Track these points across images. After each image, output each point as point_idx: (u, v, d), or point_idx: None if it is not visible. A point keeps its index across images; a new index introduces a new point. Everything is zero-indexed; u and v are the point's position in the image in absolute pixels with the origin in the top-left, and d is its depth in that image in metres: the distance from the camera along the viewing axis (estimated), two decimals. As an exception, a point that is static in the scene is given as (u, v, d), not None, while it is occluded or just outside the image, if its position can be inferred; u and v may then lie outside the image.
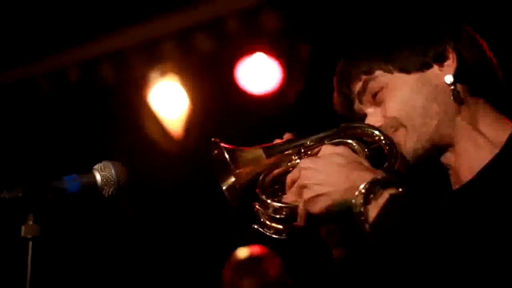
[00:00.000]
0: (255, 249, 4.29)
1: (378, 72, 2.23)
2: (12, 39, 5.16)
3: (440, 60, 2.21)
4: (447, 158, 2.22)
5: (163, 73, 5.50)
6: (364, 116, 2.28)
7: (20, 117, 5.67)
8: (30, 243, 2.03)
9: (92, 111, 5.58)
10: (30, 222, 2.05)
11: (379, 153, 2.17)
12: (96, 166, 2.17)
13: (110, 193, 2.16)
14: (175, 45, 5.35)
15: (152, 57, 5.41)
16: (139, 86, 5.53)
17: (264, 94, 5.44)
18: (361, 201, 1.94)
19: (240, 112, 5.36)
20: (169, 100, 5.57)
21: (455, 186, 2.21)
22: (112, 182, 2.15)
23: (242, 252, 4.30)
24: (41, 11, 4.99)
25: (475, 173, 2.12)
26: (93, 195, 2.16)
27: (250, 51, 5.37)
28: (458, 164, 2.20)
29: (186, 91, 5.54)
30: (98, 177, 2.14)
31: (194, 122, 5.54)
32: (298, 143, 2.19)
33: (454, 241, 1.81)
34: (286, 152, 2.18)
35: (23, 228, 2.04)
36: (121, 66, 5.45)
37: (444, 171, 2.25)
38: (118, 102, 5.52)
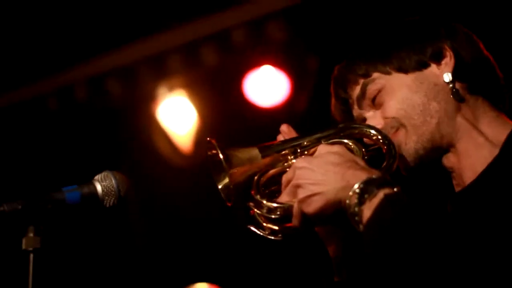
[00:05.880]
0: None
1: (375, 75, 2.21)
2: (18, 58, 5.16)
3: (438, 58, 2.19)
4: (450, 160, 2.19)
5: (170, 88, 5.48)
6: (363, 121, 2.25)
7: (30, 136, 5.66)
8: (31, 255, 2.01)
9: (100, 128, 5.56)
10: (31, 234, 2.03)
11: (379, 154, 2.14)
12: (96, 177, 2.14)
13: (111, 203, 2.13)
14: (182, 59, 5.33)
15: (159, 72, 5.39)
16: (146, 101, 5.52)
17: (273, 107, 5.42)
18: (356, 201, 1.90)
19: (248, 125, 5.32)
20: (177, 115, 5.56)
21: (458, 188, 2.18)
22: (113, 192, 2.12)
23: None
24: (46, 27, 4.99)
25: (477, 174, 2.09)
26: (95, 205, 2.13)
27: (257, 63, 5.35)
28: (460, 166, 2.17)
29: (194, 106, 5.52)
30: (98, 187, 2.11)
31: (203, 136, 5.51)
32: (295, 143, 2.17)
33: (451, 242, 1.76)
34: (283, 152, 2.15)
35: (23, 240, 2.02)
36: (129, 82, 5.44)
37: (446, 173, 2.21)
38: (126, 118, 5.50)
